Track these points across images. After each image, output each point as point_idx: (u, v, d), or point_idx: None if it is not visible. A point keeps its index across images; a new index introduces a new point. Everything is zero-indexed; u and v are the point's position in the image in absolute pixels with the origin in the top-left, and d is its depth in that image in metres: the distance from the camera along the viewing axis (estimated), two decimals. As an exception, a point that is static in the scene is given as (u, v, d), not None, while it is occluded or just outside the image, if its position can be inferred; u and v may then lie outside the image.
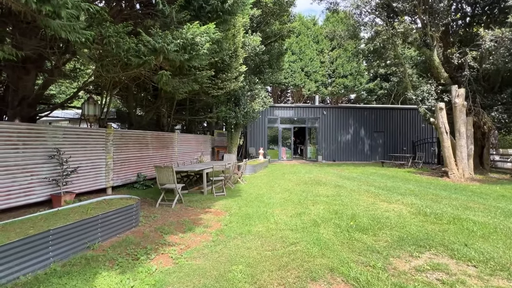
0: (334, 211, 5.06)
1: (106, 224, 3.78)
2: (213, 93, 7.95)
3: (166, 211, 5.37)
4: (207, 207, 5.64)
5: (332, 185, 8.06)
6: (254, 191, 7.19)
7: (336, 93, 27.04)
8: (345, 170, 12.32)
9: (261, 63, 12.71)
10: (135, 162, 8.05)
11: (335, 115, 17.58)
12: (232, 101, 12.03)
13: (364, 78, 27.45)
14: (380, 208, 5.28)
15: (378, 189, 7.28)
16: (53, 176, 5.49)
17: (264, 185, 8.13)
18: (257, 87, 12.41)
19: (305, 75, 26.30)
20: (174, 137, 10.18)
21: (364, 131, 17.67)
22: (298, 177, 9.87)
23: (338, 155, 17.43)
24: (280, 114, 17.38)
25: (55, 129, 5.62)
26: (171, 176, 5.68)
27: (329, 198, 6.19)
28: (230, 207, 5.54)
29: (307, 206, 5.49)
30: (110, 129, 7.09)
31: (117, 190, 7.46)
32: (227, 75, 7.88)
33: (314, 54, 26.78)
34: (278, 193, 6.91)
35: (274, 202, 5.88)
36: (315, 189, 7.44)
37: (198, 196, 6.67)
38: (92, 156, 6.53)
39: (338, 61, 26.80)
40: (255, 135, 17.05)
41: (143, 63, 3.65)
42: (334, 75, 26.98)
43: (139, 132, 8.35)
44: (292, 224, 4.28)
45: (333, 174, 10.77)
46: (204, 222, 4.59)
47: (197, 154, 12.09)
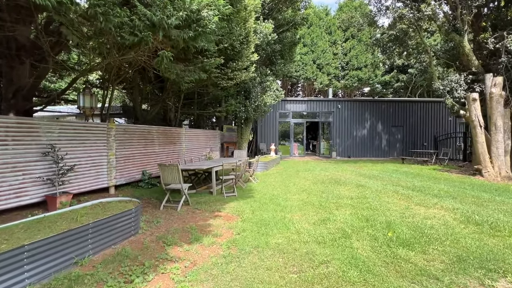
0: (364, 217, 4.34)
1: (98, 234, 3.20)
2: (222, 84, 7.29)
3: (170, 214, 4.79)
4: (216, 210, 5.02)
5: (353, 184, 7.29)
6: (268, 191, 6.53)
7: (349, 86, 25.91)
8: (363, 167, 11.48)
9: (273, 53, 11.92)
10: (139, 159, 7.52)
11: (350, 108, 16.63)
12: (242, 94, 11.35)
13: (379, 70, 26.16)
14: (417, 214, 4.52)
15: (407, 190, 6.48)
16: (48, 175, 4.99)
17: (278, 184, 7.45)
18: (269, 79, 11.66)
19: (317, 67, 25.27)
20: (181, 132, 9.62)
21: (381, 126, 16.66)
22: (313, 175, 9.14)
23: (354, 151, 16.52)
24: (292, 108, 16.58)
25: (50, 123, 5.11)
26: (176, 175, 5.09)
27: (354, 201, 5.45)
28: (242, 211, 4.90)
29: (331, 211, 4.78)
30: (112, 123, 6.55)
31: (121, 189, 6.96)
32: (237, 63, 7.19)
33: (326, 46, 25.67)
34: (295, 194, 6.23)
35: (291, 205, 5.20)
36: (335, 189, 6.70)
37: (207, 197, 6.07)
38: (92, 153, 6.01)
39: (352, 53, 25.61)
40: (265, 130, 16.35)
41: (138, 41, 3.01)
42: (348, 67, 25.82)
43: (144, 127, 7.80)
44: (318, 234, 3.60)
45: (351, 171, 9.97)
46: (213, 230, 3.96)
47: (206, 151, 11.52)
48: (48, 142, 4.98)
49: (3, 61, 5.52)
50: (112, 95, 7.03)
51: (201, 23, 3.13)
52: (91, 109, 5.17)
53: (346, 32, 26.34)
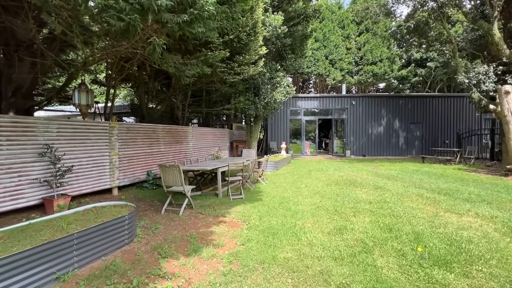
0: (386, 226, 3.81)
1: (85, 245, 2.87)
2: (229, 80, 6.87)
3: (171, 219, 4.43)
4: (221, 214, 4.62)
5: (371, 186, 6.71)
6: (278, 194, 6.07)
7: (363, 82, 24.88)
8: (380, 166, 10.77)
9: (283, 47, 11.39)
10: (144, 159, 7.26)
11: (365, 105, 15.83)
12: (251, 90, 10.90)
13: (395, 65, 24.95)
14: (449, 223, 3.93)
15: (432, 193, 5.84)
16: (46, 176, 4.76)
17: (288, 186, 6.98)
18: (279, 74, 11.15)
19: (330, 63, 24.39)
20: (188, 131, 9.31)
21: (398, 123, 15.76)
22: (327, 175, 8.59)
23: (369, 149, 15.73)
24: (304, 105, 15.98)
25: (47, 122, 4.87)
26: (178, 176, 4.72)
27: (373, 206, 4.90)
28: (248, 216, 4.48)
29: (347, 217, 4.27)
30: (115, 122, 6.29)
31: (125, 190, 6.72)
32: (244, 57, 6.74)
33: (339, 40, 24.72)
34: (307, 197, 5.74)
35: (303, 210, 4.72)
36: (351, 191, 6.15)
37: (212, 199, 5.70)
38: (93, 153, 5.77)
39: (366, 47, 24.54)
40: (276, 128, 15.85)
41: (125, 27, 2.63)
42: (362, 62, 24.78)
43: (149, 125, 7.53)
44: (333, 248, 3.12)
45: (367, 171, 9.33)
46: (215, 239, 3.56)
47: (214, 150, 11.19)
48: (45, 142, 4.74)
49: (2, 59, 5.34)
50: (115, 93, 6.78)
51: (196, 4, 2.72)
52: (87, 107, 4.90)
53: (360, 25, 25.29)
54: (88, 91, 4.79)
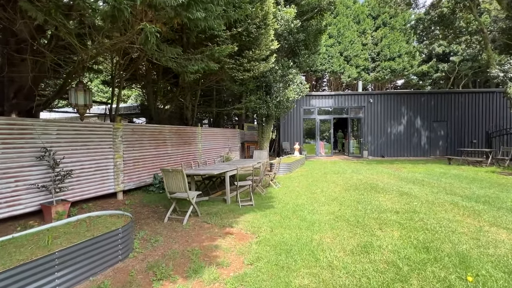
0: (421, 244, 3.22)
1: (70, 265, 2.50)
2: (238, 77, 6.43)
3: (174, 229, 4.04)
4: (228, 224, 4.18)
5: (394, 192, 6.05)
6: (291, 200, 5.56)
7: (381, 79, 23.78)
8: (402, 168, 9.99)
9: (296, 43, 10.82)
10: (150, 161, 6.96)
11: (384, 102, 14.94)
12: (262, 89, 10.42)
13: (415, 60, 23.66)
14: (499, 241, 3.28)
15: (469, 201, 5.12)
16: (45, 181, 4.50)
17: (303, 191, 6.44)
18: (292, 71, 10.60)
19: (345, 60, 23.48)
20: (197, 131, 8.97)
21: (420, 121, 14.76)
22: (344, 178, 7.97)
23: (388, 149, 14.84)
24: (318, 103, 15.31)
25: (46, 124, 4.61)
26: (182, 182, 4.33)
27: (400, 216, 4.29)
28: (259, 227, 4.01)
29: (372, 231, 3.70)
30: (119, 123, 6.02)
31: (130, 194, 6.43)
32: (254, 52, 6.28)
33: (354, 36, 23.75)
34: (323, 204, 5.19)
35: (320, 221, 4.19)
36: (373, 198, 5.54)
37: (220, 206, 5.27)
38: (96, 156, 5.50)
39: (384, 42, 23.42)
40: (289, 128, 15.28)
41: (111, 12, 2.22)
42: (379, 58, 23.68)
43: (155, 126, 7.22)
44: (359, 273, 2.58)
45: (388, 174, 8.61)
46: (220, 255, 3.12)
47: (224, 151, 10.81)
48: (44, 145, 4.49)
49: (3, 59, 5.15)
50: (120, 93, 6.52)
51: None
52: (85, 107, 4.61)
53: (377, 20, 24.21)
54: (86, 90, 4.49)
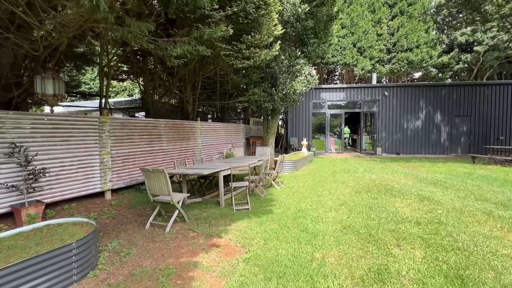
0: (453, 270, 2.50)
1: (-2, 292, 1.98)
2: (236, 65, 5.77)
3: (153, 239, 3.49)
4: (216, 234, 3.59)
5: (413, 195, 5.27)
6: (293, 204, 4.91)
7: (396, 71, 22.41)
8: (420, 168, 9.09)
9: (304, 31, 9.99)
10: (143, 158, 6.47)
11: (400, 96, 13.87)
12: (267, 80, 9.72)
13: (435, 51, 22.10)
14: (558, 268, 2.52)
15: (505, 210, 4.30)
16: (17, 180, 4.06)
17: (307, 192, 5.77)
18: (299, 61, 9.81)
19: (358, 51, 22.22)
20: (196, 126, 8.41)
21: (440, 116, 13.62)
22: (355, 178, 7.21)
23: (404, 146, 13.82)
24: (328, 97, 14.43)
25: (18, 117, 4.15)
26: (164, 183, 3.77)
27: (423, 229, 3.55)
28: (251, 238, 3.40)
29: (388, 248, 3.00)
30: (105, 116, 5.52)
31: (121, 193, 5.97)
32: (254, 37, 5.58)
33: (369, 26, 22.40)
34: (330, 210, 4.51)
35: (324, 232, 3.53)
36: (388, 203, 4.80)
37: (212, 210, 4.69)
38: (79, 153, 5.03)
39: (401, 32, 21.97)
40: (297, 123, 14.51)
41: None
42: (395, 49, 22.28)
43: (148, 120, 6.71)
44: (372, 315, 1.92)
45: (405, 174, 7.77)
46: (196, 278, 2.53)
47: (227, 147, 10.23)
48: (13, 140, 4.03)
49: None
50: (108, 82, 6.01)
51: None
52: (55, 97, 4.10)
53: (394, 8, 22.71)
54: (56, 78, 3.98)
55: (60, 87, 4.01)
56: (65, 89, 4.22)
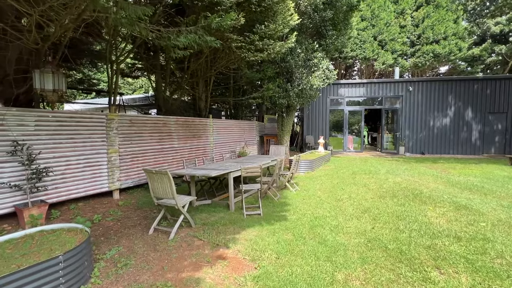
0: (514, 306, 1.99)
1: (-31, 315, 1.73)
2: (248, 58, 5.37)
3: (155, 247, 3.19)
4: (223, 243, 3.24)
5: (447, 203, 4.66)
6: (309, 210, 4.47)
7: (421, 65, 21.04)
8: (450, 169, 8.29)
9: (322, 22, 9.39)
10: (152, 156, 6.26)
11: (426, 91, 12.89)
12: (283, 75, 9.25)
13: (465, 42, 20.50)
14: None
15: None
16: (21, 179, 3.93)
17: (325, 196, 5.30)
18: (317, 55, 9.24)
19: (379, 44, 21.07)
20: (208, 123, 8.12)
21: (472, 113, 12.52)
22: (377, 181, 6.62)
23: (430, 145, 12.86)
24: (347, 92, 13.70)
25: (22, 114, 3.99)
26: (168, 186, 3.46)
27: (465, 246, 3.00)
28: (262, 250, 3.02)
29: (425, 271, 2.51)
30: (113, 113, 5.33)
31: (129, 193, 5.79)
32: (268, 27, 5.15)
33: (391, 17, 21.15)
34: (351, 218, 4.03)
35: (346, 246, 3.08)
36: (419, 211, 4.24)
37: (221, 214, 4.36)
38: (86, 151, 4.86)
39: (426, 23, 20.56)
40: (313, 120, 13.92)
41: None
42: (420, 41, 20.89)
43: (158, 117, 6.49)
44: None
45: (433, 177, 7.06)
46: (197, 300, 2.19)
47: (240, 145, 9.90)
48: (16, 138, 3.88)
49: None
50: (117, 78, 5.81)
51: None
52: (55, 93, 3.90)
53: (420, -4, 21.28)
54: (55, 72, 3.77)
55: (60, 82, 3.81)
56: (66, 85, 4.01)
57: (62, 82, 3.83)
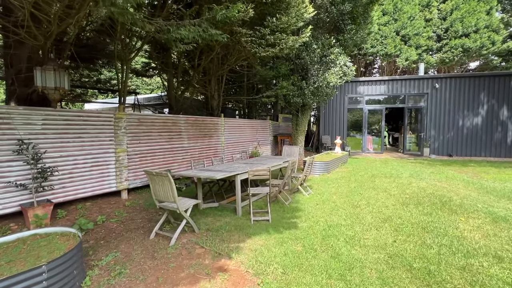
0: None
1: None
2: (259, 53, 5.07)
3: (153, 254, 3.00)
4: (226, 252, 2.98)
5: (482, 214, 4.10)
6: (323, 217, 4.10)
7: (449, 61, 19.68)
8: (482, 174, 7.51)
9: (340, 16, 8.89)
10: (162, 156, 6.15)
11: (454, 88, 11.92)
12: (297, 72, 8.86)
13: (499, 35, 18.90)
14: None
15: None
16: (27, 178, 3.90)
17: (341, 202, 4.90)
18: (334, 50, 8.76)
19: (402, 40, 19.96)
20: (219, 122, 7.93)
21: (507, 111, 11.41)
22: (399, 185, 6.09)
23: (458, 147, 11.89)
24: (366, 90, 13.01)
25: (29, 112, 3.97)
26: (169, 189, 3.25)
27: (509, 270, 2.53)
28: (267, 263, 2.72)
29: (460, 300, 2.10)
30: (121, 112, 5.25)
31: (138, 193, 5.72)
32: (280, 19, 4.82)
33: (415, 11, 19.97)
34: (370, 227, 3.63)
35: (363, 263, 2.70)
36: (448, 222, 3.75)
37: (227, 218, 4.11)
38: (93, 150, 4.80)
39: (455, 15, 19.19)
40: (330, 120, 13.37)
41: None
42: (447, 35, 19.56)
43: (167, 116, 6.37)
44: None
45: (464, 182, 6.39)
46: (189, 322, 1.93)
47: (253, 145, 9.64)
48: (21, 136, 3.85)
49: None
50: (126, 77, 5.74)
51: None
52: (57, 91, 3.81)
53: (446, -12, 19.92)
54: (56, 69, 3.69)
55: (62, 79, 3.73)
56: (69, 83, 3.93)
57: (64, 80, 3.75)
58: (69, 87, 3.97)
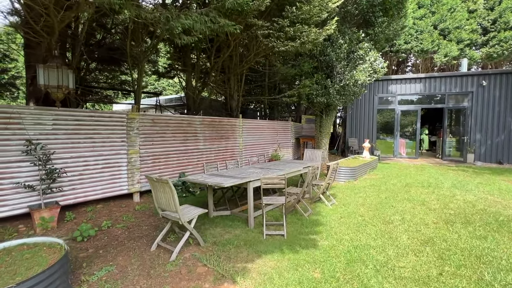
0: None
1: None
2: (277, 47, 4.60)
3: (149, 272, 2.67)
4: (230, 274, 2.56)
5: (556, 240, 3.23)
6: (348, 234, 3.52)
7: (496, 56, 17.55)
8: (546, 186, 6.30)
9: (370, 7, 8.11)
10: (176, 158, 5.93)
11: (505, 86, 10.42)
12: (322, 70, 8.25)
13: (560, 25, 16.45)
14: None
15: None
16: (36, 179, 3.83)
17: (370, 216, 4.25)
18: (363, 45, 8.00)
19: (440, 34, 18.21)
20: (237, 124, 7.58)
21: None
22: (440, 197, 5.24)
23: (510, 153, 10.36)
24: (399, 89, 11.90)
25: (39, 113, 3.90)
26: (171, 198, 2.91)
27: None
28: (276, 293, 2.25)
29: None
30: (134, 112, 5.09)
31: (150, 195, 5.52)
32: (300, 9, 4.32)
33: (457, 2, 18.15)
34: (406, 252, 2.98)
35: (399, 302, 2.12)
36: (508, 250, 2.97)
37: (238, 230, 3.69)
38: (104, 151, 4.68)
39: (504, 4, 17.10)
40: (358, 121, 12.44)
41: None
42: (495, 27, 17.47)
43: (182, 117, 6.15)
44: None
45: (523, 196, 5.35)
46: None
47: (273, 147, 9.16)
48: (30, 137, 3.78)
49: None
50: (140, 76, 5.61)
51: None
52: (59, 89, 3.66)
53: (494, -25, 17.84)
54: (60, 67, 3.54)
55: (65, 78, 3.60)
56: (73, 81, 3.79)
57: (68, 78, 3.61)
58: (74, 86, 3.84)
